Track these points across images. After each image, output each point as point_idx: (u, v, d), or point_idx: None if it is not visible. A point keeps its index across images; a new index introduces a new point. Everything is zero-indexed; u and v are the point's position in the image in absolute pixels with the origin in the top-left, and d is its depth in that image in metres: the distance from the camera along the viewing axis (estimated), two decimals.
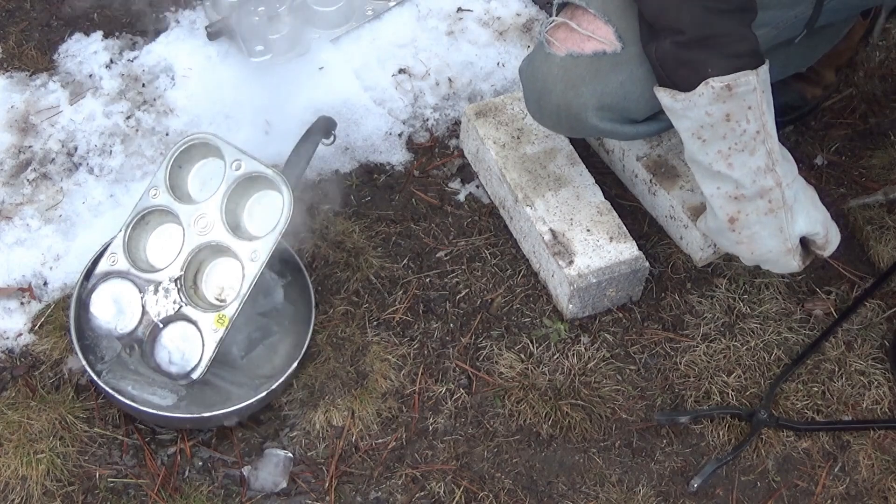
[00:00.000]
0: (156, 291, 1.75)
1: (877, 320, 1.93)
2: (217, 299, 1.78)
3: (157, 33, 2.29)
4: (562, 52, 1.70)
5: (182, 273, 1.75)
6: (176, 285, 1.74)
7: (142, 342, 1.74)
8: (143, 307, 1.75)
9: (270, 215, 1.76)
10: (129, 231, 1.79)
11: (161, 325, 1.74)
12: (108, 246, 1.81)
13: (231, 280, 1.76)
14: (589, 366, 1.87)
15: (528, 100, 1.80)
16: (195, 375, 1.71)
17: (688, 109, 1.60)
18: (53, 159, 2.09)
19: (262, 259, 1.73)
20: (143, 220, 1.81)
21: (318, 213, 2.03)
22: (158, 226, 1.82)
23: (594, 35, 1.68)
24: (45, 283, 1.93)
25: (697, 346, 1.90)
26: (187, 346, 1.73)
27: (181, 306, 1.74)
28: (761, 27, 1.72)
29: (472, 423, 1.82)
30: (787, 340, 1.91)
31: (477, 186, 2.11)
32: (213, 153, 1.81)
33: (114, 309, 1.76)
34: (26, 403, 1.77)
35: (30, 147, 2.10)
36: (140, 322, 1.75)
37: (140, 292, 1.76)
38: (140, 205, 1.81)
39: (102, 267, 1.79)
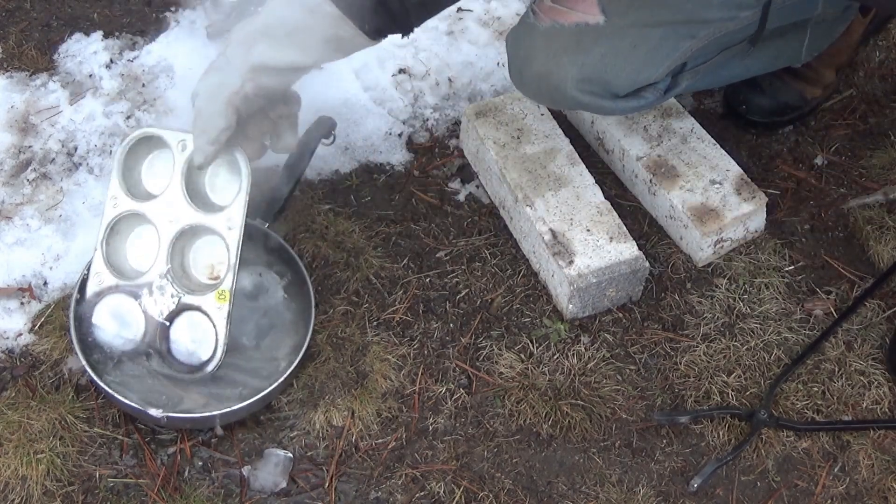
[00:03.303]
0: (151, 292, 1.75)
1: (877, 320, 1.93)
2: (210, 278, 1.78)
3: (157, 33, 2.29)
4: (546, 23, 1.70)
5: (169, 266, 1.75)
6: (168, 279, 1.74)
7: (156, 346, 1.74)
8: (145, 312, 1.75)
9: (234, 182, 1.75)
10: (105, 247, 1.79)
11: (167, 323, 1.74)
12: (89, 268, 1.80)
13: (218, 256, 1.76)
14: (589, 366, 1.87)
15: (511, 68, 1.81)
16: (217, 357, 1.71)
17: None
18: (53, 159, 2.09)
19: (238, 224, 1.72)
20: (114, 231, 1.79)
21: (318, 213, 2.03)
22: (131, 231, 1.81)
23: (575, 9, 1.68)
24: (45, 283, 1.93)
25: (697, 346, 1.90)
26: (198, 334, 1.72)
27: (180, 297, 1.73)
28: (747, 9, 1.73)
29: (472, 423, 1.82)
30: (787, 340, 1.91)
31: (477, 186, 2.11)
32: (157, 144, 1.80)
33: (116, 324, 1.76)
34: (26, 403, 1.77)
35: (30, 147, 2.10)
36: (146, 327, 1.75)
37: (136, 299, 1.76)
38: (105, 218, 1.79)
39: (92, 289, 1.77)
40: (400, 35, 1.64)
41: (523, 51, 1.75)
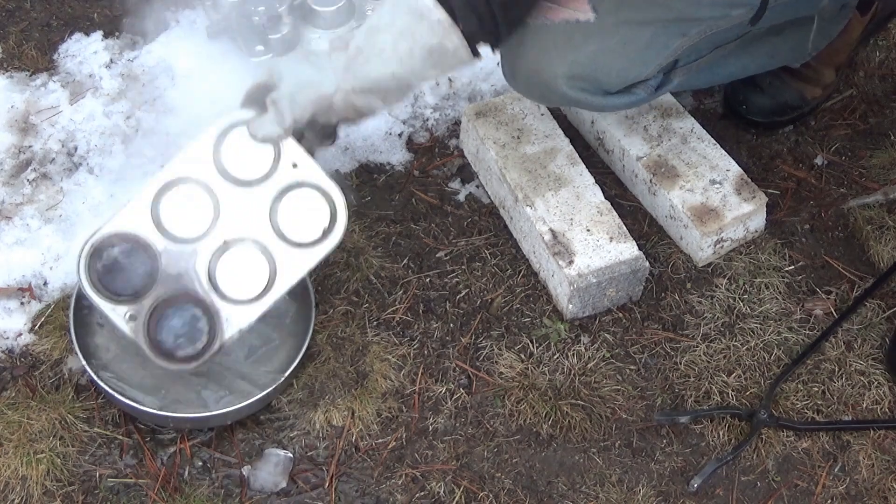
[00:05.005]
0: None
1: (877, 320, 1.93)
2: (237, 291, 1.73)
3: (157, 33, 2.29)
4: (536, 20, 1.71)
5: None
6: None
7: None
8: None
9: (305, 217, 1.71)
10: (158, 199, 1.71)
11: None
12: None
13: (255, 273, 1.72)
14: (589, 366, 1.87)
15: (502, 65, 1.82)
16: (206, 356, 1.69)
17: None
18: (53, 159, 2.09)
19: (306, 271, 1.71)
20: (176, 189, 1.72)
21: None
22: (186, 197, 1.74)
23: (566, 6, 1.69)
24: (45, 283, 1.93)
25: (697, 346, 1.90)
26: (190, 328, 1.71)
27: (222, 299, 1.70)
28: (738, 7, 1.73)
29: (472, 423, 1.82)
30: (787, 340, 1.91)
31: (477, 186, 2.11)
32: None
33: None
34: (26, 403, 1.77)
35: (30, 147, 2.10)
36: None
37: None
38: (172, 170, 1.73)
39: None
40: (490, 47, 1.63)
41: (514, 47, 1.75)
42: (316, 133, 1.74)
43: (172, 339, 1.70)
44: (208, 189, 1.72)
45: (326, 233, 1.71)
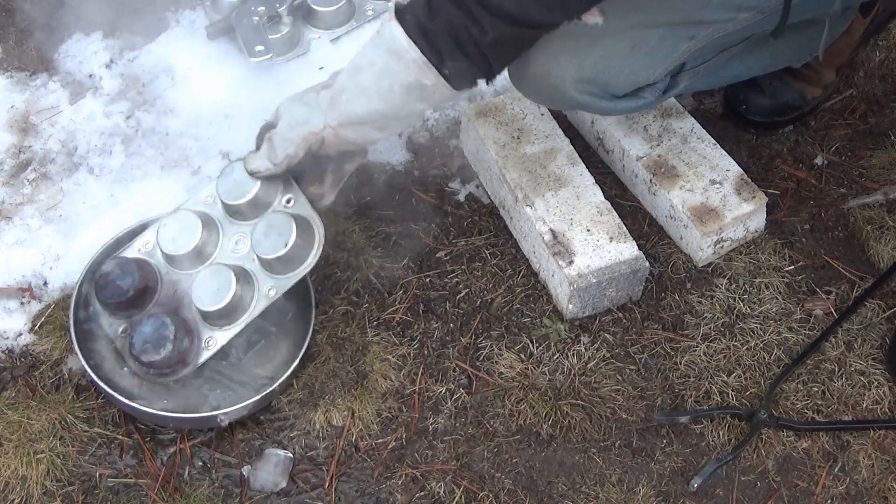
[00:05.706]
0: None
1: (877, 320, 1.93)
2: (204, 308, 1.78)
3: (157, 33, 2.29)
4: None
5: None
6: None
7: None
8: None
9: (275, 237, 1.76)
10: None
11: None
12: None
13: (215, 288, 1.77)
14: (589, 366, 1.87)
15: (509, 68, 1.82)
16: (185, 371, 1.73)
17: None
18: (53, 159, 2.09)
19: (277, 295, 1.76)
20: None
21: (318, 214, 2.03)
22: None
23: None
24: (45, 283, 1.93)
25: (697, 346, 1.90)
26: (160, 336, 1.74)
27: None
28: (746, 10, 1.73)
29: (472, 423, 1.82)
30: (787, 340, 1.91)
31: (477, 186, 2.11)
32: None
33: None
34: (26, 403, 1.77)
35: (30, 147, 2.10)
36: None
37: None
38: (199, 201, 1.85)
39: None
40: (484, 81, 1.65)
41: None
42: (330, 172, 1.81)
43: (140, 344, 1.71)
44: (213, 222, 1.82)
45: (305, 262, 1.76)
